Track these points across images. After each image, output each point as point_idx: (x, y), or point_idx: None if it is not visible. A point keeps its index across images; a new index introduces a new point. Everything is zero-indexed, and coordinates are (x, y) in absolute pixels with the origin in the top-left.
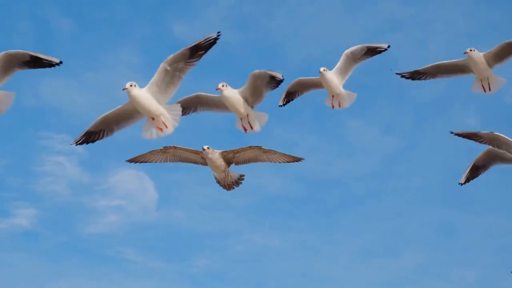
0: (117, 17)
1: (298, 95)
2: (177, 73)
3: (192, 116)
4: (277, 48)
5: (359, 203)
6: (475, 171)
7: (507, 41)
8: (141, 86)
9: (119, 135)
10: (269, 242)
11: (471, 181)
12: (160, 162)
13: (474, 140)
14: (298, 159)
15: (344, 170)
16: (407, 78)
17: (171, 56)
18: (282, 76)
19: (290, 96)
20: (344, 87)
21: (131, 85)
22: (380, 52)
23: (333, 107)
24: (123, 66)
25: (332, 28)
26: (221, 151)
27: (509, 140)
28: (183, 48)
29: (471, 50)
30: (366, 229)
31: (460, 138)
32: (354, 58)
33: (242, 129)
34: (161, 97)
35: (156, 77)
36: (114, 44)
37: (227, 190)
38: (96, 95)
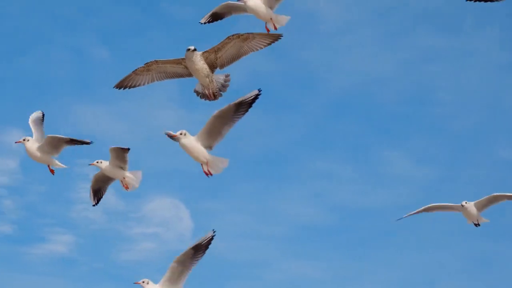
0: (153, 45)
1: (224, 17)
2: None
3: None
4: (311, 79)
5: (394, 234)
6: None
7: (494, 194)
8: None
9: (156, 164)
10: (303, 271)
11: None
12: (148, 83)
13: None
14: (277, 37)
15: (379, 200)
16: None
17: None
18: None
19: (216, 17)
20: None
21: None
22: None
23: (268, 30)
24: (157, 95)
25: (368, 59)
26: (201, 52)
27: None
28: (229, 104)
29: (466, 203)
30: (400, 260)
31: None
32: None
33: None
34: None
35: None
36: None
37: (214, 99)
38: (129, 123)
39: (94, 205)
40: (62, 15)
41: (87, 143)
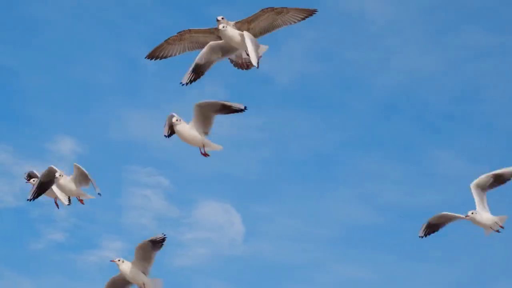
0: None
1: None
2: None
3: None
4: (358, 79)
5: (447, 234)
6: (432, 227)
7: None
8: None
9: (206, 168)
10: (354, 273)
11: None
12: (180, 53)
13: None
14: (312, 12)
15: (430, 200)
16: (425, 236)
17: None
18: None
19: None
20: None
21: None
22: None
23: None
24: (207, 98)
25: (415, 58)
26: (234, 22)
27: None
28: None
29: (472, 213)
30: (455, 259)
31: None
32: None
33: None
34: None
35: None
36: (199, 79)
37: (247, 69)
38: None
39: (29, 200)
40: (110, 21)
41: (97, 196)
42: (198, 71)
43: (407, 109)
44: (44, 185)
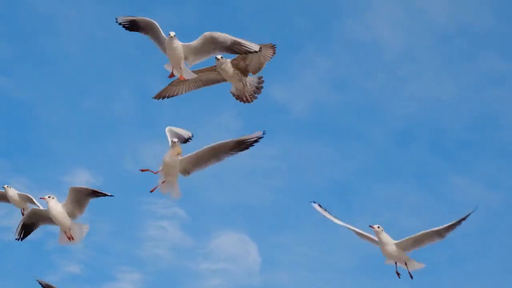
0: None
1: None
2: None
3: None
4: (374, 107)
5: (466, 261)
6: None
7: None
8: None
9: (220, 198)
10: None
11: None
12: (185, 92)
13: None
14: (271, 46)
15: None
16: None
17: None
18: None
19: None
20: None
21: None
22: None
23: None
24: (221, 130)
25: (431, 86)
26: (231, 59)
27: None
28: (230, 140)
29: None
30: (475, 287)
31: None
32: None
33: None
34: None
35: None
36: (212, 109)
37: (249, 102)
38: None
39: (17, 239)
40: (125, 53)
41: (110, 195)
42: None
43: (423, 137)
44: (28, 227)
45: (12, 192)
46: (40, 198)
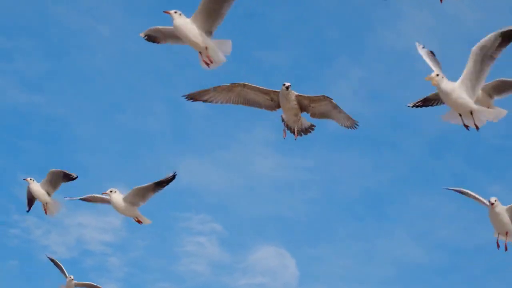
0: None
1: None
2: None
3: None
4: (411, 118)
5: (506, 269)
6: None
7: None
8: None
9: (257, 212)
10: None
11: None
12: (222, 103)
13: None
14: (354, 123)
15: (485, 237)
16: (421, 107)
17: None
18: None
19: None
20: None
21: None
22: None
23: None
24: (257, 143)
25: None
26: (297, 93)
27: None
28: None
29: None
30: None
31: None
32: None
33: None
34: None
35: None
36: (247, 122)
37: (295, 136)
38: (231, 173)
39: (27, 211)
40: (158, 68)
41: (173, 177)
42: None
43: (457, 145)
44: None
45: (35, 186)
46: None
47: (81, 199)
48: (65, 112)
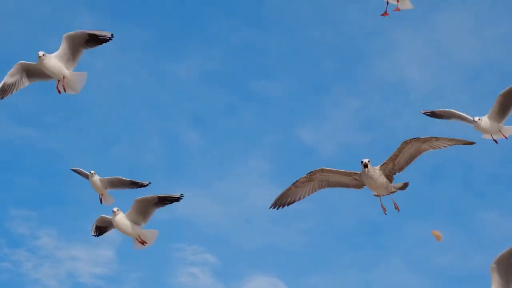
0: (245, 126)
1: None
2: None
3: None
4: None
5: None
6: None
7: (500, 93)
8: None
9: (251, 242)
10: None
11: None
12: (308, 195)
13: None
14: (468, 143)
15: (482, 264)
16: (429, 116)
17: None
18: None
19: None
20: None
21: None
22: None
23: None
24: (252, 174)
25: (460, 125)
26: (379, 166)
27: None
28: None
29: (479, 119)
30: None
31: None
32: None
33: None
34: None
35: None
36: (242, 153)
37: (396, 209)
38: (227, 205)
39: (93, 235)
40: (152, 100)
41: (178, 199)
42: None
43: (452, 173)
44: (101, 229)
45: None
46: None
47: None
48: (59, 145)
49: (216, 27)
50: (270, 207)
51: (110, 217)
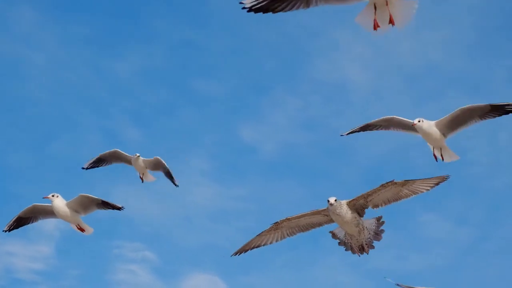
0: (186, 124)
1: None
2: None
3: None
4: (346, 147)
5: None
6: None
7: (460, 108)
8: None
9: (191, 240)
10: None
11: None
12: (276, 241)
13: (369, 130)
14: (443, 178)
15: (420, 264)
16: (357, 132)
17: None
18: None
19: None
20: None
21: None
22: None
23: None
24: (193, 173)
25: None
26: (347, 201)
27: (402, 119)
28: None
29: (419, 121)
30: None
31: None
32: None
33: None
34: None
35: None
36: (183, 152)
37: (361, 254)
38: (166, 202)
39: (4, 231)
40: (93, 97)
41: (118, 208)
42: None
43: (393, 174)
44: (23, 220)
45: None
46: (44, 197)
47: (19, 217)
48: None
49: (158, 25)
50: (232, 255)
51: (45, 205)
